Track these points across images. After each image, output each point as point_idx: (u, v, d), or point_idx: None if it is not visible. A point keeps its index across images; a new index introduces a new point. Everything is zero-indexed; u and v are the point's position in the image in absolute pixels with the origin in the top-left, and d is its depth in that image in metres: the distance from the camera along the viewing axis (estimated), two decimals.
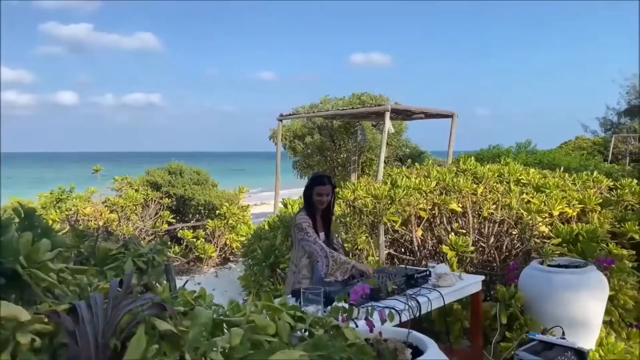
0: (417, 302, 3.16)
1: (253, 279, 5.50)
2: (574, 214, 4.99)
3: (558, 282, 3.54)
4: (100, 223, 7.40)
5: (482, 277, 3.80)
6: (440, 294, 3.34)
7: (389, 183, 5.72)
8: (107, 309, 1.49)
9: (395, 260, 5.20)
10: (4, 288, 1.46)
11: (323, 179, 3.77)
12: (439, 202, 5.04)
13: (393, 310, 2.96)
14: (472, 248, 4.68)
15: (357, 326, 2.24)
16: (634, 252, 4.63)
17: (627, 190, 5.91)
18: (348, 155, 12.53)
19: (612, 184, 6.62)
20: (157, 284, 3.33)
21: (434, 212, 5.12)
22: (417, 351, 2.11)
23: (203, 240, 7.79)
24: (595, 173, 6.87)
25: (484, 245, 4.95)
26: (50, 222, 7.58)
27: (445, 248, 4.65)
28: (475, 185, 5.63)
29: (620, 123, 28.00)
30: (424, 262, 4.92)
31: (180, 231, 7.98)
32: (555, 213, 4.89)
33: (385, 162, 14.04)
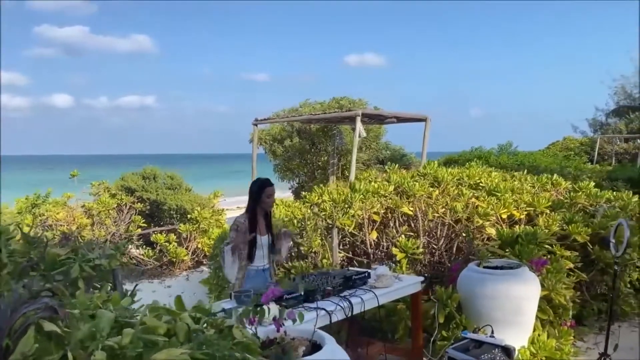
0: (350, 302, 3.31)
1: (215, 282, 5.64)
2: (522, 216, 5.16)
3: (491, 282, 3.71)
4: (73, 228, 7.52)
5: (421, 278, 3.97)
6: (375, 294, 3.49)
7: (348, 187, 5.87)
8: (7, 312, 1.65)
9: (354, 262, 5.36)
10: None
11: (270, 181, 3.99)
12: (392, 205, 5.21)
13: (324, 311, 3.15)
14: (421, 250, 4.84)
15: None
16: (577, 253, 4.82)
17: (580, 193, 6.11)
18: (328, 158, 12.68)
19: (571, 186, 6.82)
20: (99, 288, 3.47)
21: (388, 215, 5.29)
22: (320, 347, 2.27)
23: (175, 244, 7.92)
24: (555, 176, 7.07)
25: (435, 246, 5.12)
26: (25, 227, 7.70)
27: (395, 250, 4.82)
28: (432, 189, 5.81)
29: (608, 124, 28.32)
30: (376, 264, 5.08)
31: (154, 235, 8.10)
32: (503, 216, 5.07)
33: (365, 164, 14.24)
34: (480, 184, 6.26)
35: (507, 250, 4.34)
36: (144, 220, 8.25)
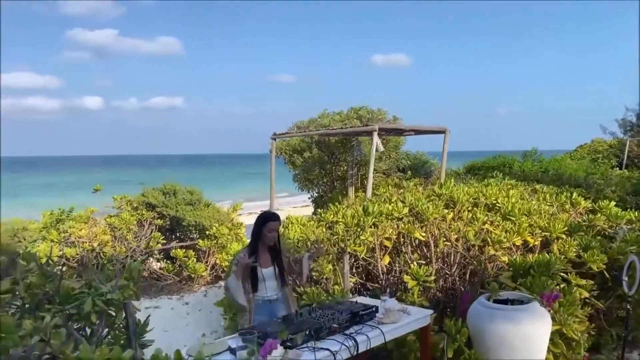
0: (355, 341, 3.33)
1: (228, 302, 5.71)
2: (537, 242, 5.10)
3: (499, 318, 3.67)
4: (95, 244, 7.71)
5: (430, 312, 3.95)
6: (382, 331, 3.50)
7: (360, 209, 5.88)
8: None
9: (368, 286, 5.37)
10: None
11: (275, 215, 4.05)
12: (404, 231, 5.20)
13: (328, 352, 3.17)
14: (433, 278, 4.82)
15: None
16: (593, 281, 4.73)
17: (599, 215, 5.98)
18: (347, 168, 12.69)
19: (590, 205, 6.69)
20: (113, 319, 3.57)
21: (400, 240, 5.28)
22: None
23: (194, 259, 8.04)
24: (574, 194, 6.94)
25: (448, 272, 5.09)
26: (49, 242, 7.92)
27: (407, 278, 4.81)
28: (446, 211, 5.77)
29: (639, 125, 27.49)
30: (388, 290, 5.08)
31: (173, 251, 8.25)
32: (517, 243, 5.01)
33: (386, 173, 14.20)
34: (497, 205, 6.19)
35: (519, 281, 4.30)
36: (163, 237, 8.40)
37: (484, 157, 17.77)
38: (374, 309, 3.70)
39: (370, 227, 5.44)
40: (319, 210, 7.85)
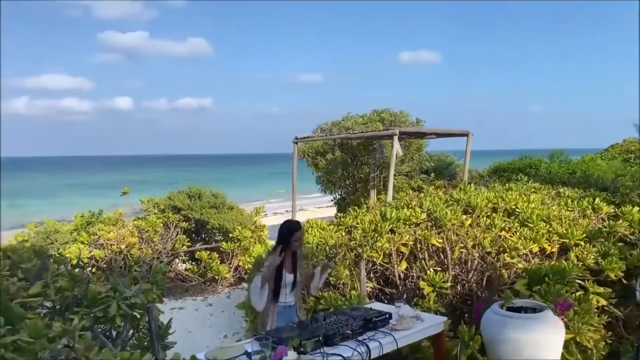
0: (367, 347, 3.42)
1: (249, 305, 5.86)
2: (554, 249, 5.09)
3: (511, 326, 3.71)
4: (122, 247, 7.98)
5: (444, 319, 4.02)
6: (394, 338, 3.59)
7: (378, 215, 5.96)
8: None
9: (386, 292, 5.44)
10: None
11: (298, 224, 4.22)
12: (420, 237, 5.26)
13: (341, 357, 3.27)
14: (449, 284, 4.87)
15: None
16: (611, 289, 4.71)
17: (621, 221, 5.92)
18: (369, 171, 12.77)
19: (613, 210, 6.60)
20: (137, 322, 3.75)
21: (417, 246, 5.34)
22: None
23: (218, 261, 8.25)
24: (597, 200, 6.86)
25: (465, 279, 5.13)
26: (80, 244, 8.22)
27: (423, 284, 4.87)
28: (464, 217, 5.80)
29: None
30: (404, 296, 5.16)
31: (198, 252, 8.47)
32: (534, 250, 5.02)
33: (408, 175, 14.20)
34: (517, 210, 6.17)
35: (534, 289, 4.32)
36: (188, 239, 8.64)
37: (514, 156, 17.56)
38: (387, 316, 3.78)
39: (388, 232, 5.51)
40: (339, 214, 7.95)
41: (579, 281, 4.61)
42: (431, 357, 4.20)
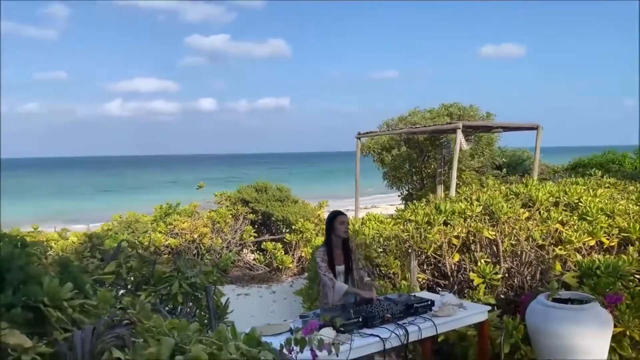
0: (406, 330, 3.56)
1: (311, 291, 6.14)
2: (613, 243, 4.93)
3: (554, 316, 3.70)
4: (195, 236, 8.56)
5: (488, 308, 4.06)
6: (434, 323, 3.69)
7: (433, 207, 6.02)
8: (92, 338, 2.28)
9: (440, 284, 5.51)
10: (31, 320, 2.29)
11: (341, 212, 4.36)
12: (473, 229, 5.28)
13: (378, 338, 3.43)
14: (499, 276, 4.87)
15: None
16: None
17: None
18: (436, 166, 12.66)
19: None
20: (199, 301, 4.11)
21: (469, 238, 5.36)
22: None
23: (282, 252, 8.63)
24: None
25: (518, 272, 5.10)
26: (158, 233, 8.90)
27: (472, 275, 4.91)
28: (522, 210, 5.73)
29: None
30: (455, 288, 5.21)
31: (264, 243, 8.90)
32: (591, 243, 4.89)
33: (478, 171, 13.91)
34: (580, 204, 5.99)
35: (584, 282, 4.24)
36: (254, 230, 9.10)
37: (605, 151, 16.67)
38: (429, 302, 3.89)
39: (441, 225, 5.57)
40: (397, 208, 8.03)
41: (638, 276, 4.45)
42: (476, 346, 4.25)
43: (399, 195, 14.40)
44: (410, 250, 5.19)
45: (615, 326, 3.82)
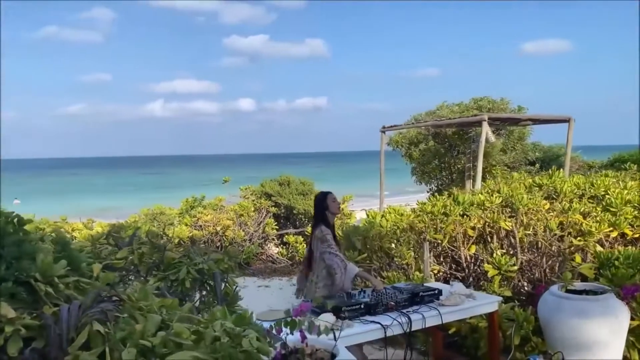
0: (409, 318, 3.49)
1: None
2: (637, 235, 4.72)
3: (566, 308, 3.56)
4: (218, 228, 8.67)
5: (499, 298, 3.96)
6: (439, 312, 3.61)
7: (450, 199, 5.89)
8: (79, 312, 2.31)
9: (457, 277, 5.40)
10: (22, 294, 2.34)
11: (328, 191, 4.33)
12: (489, 220, 5.14)
13: (379, 325, 3.38)
14: (515, 268, 4.73)
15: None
16: None
17: None
18: (465, 161, 12.41)
19: None
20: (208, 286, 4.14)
21: (486, 230, 5.22)
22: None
23: (304, 245, 8.62)
24: None
25: (536, 264, 4.94)
26: (184, 226, 9.05)
27: (487, 266, 4.78)
28: (544, 202, 5.55)
29: None
30: (471, 280, 5.09)
31: (286, 236, 8.93)
32: (614, 234, 4.69)
33: (509, 166, 13.56)
34: (607, 196, 5.76)
35: (602, 273, 4.07)
36: (275, 223, 9.14)
37: None
38: (436, 292, 3.81)
39: (458, 216, 5.45)
40: (418, 200, 7.90)
41: None
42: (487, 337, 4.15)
43: (427, 191, 14.19)
44: (424, 241, 5.10)
45: (632, 319, 3.66)
